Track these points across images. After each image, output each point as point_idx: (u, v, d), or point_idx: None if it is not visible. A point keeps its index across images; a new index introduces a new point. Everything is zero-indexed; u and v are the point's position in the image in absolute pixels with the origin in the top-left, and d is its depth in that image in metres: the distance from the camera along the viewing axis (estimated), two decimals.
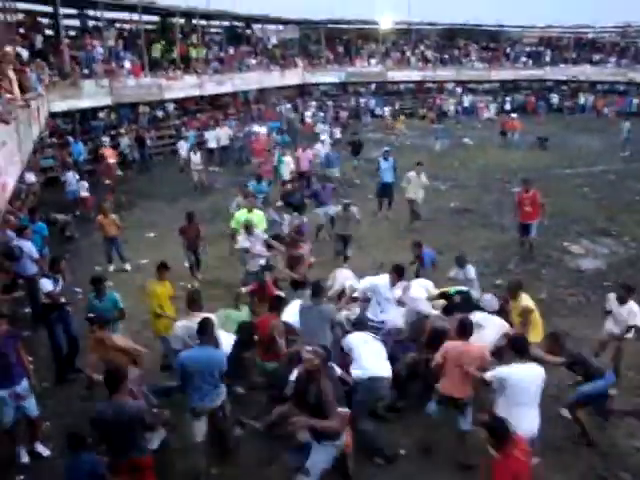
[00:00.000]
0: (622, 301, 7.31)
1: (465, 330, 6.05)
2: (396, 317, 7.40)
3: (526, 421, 5.36)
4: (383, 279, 7.53)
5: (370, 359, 6.26)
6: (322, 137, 21.35)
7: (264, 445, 6.50)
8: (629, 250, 12.79)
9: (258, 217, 10.58)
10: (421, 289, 8.06)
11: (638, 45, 41.42)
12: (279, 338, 6.61)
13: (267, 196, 15.22)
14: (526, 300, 7.37)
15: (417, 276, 9.31)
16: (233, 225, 10.52)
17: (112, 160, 19.02)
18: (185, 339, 6.47)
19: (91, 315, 7.26)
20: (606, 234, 13.84)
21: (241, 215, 10.47)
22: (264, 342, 6.72)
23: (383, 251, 12.07)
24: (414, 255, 9.83)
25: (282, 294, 8.21)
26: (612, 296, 7.55)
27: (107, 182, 17.30)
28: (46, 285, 7.85)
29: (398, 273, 7.39)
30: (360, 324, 6.99)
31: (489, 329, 6.77)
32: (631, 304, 7.28)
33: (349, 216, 11.08)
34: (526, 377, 5.43)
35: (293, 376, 6.00)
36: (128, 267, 12.06)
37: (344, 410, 5.60)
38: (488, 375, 5.60)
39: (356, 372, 6.21)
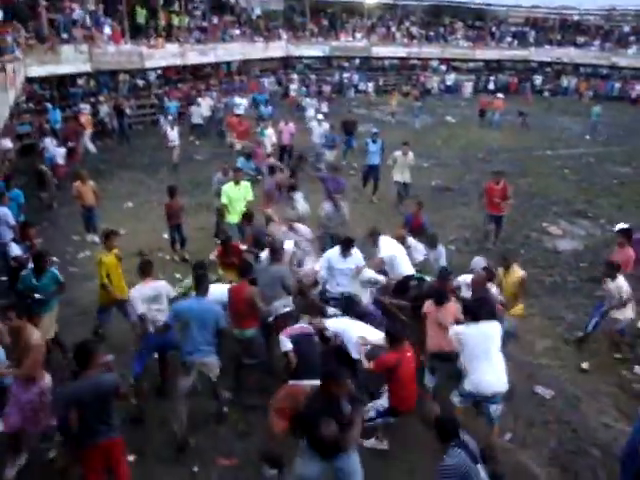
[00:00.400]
0: (613, 278, 7.61)
1: (440, 298, 6.52)
2: (349, 287, 7.53)
3: (487, 374, 5.69)
4: (334, 252, 7.73)
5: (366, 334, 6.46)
6: (318, 116, 18.80)
7: (240, 416, 6.54)
8: (605, 232, 12.93)
9: (245, 189, 10.44)
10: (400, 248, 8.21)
11: (622, 29, 41.54)
12: (260, 303, 6.64)
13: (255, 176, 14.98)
14: (519, 270, 7.45)
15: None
16: (223, 200, 10.26)
17: (87, 129, 18.83)
18: (142, 301, 6.47)
19: (38, 296, 6.80)
20: (584, 216, 14.00)
21: (229, 188, 10.29)
22: (240, 310, 6.64)
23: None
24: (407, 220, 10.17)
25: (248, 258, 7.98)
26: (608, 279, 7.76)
27: (70, 145, 16.82)
28: (14, 249, 7.81)
29: (345, 244, 7.58)
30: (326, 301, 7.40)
31: None
32: (620, 278, 7.59)
33: (340, 214, 10.21)
34: (478, 334, 5.78)
35: (287, 345, 6.01)
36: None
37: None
38: (451, 332, 5.98)
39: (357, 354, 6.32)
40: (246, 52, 32.01)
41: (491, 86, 38.53)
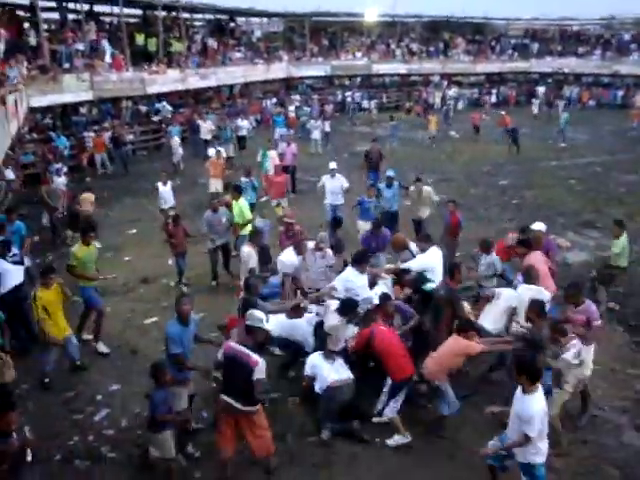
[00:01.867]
0: None
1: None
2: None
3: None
4: (348, 272, 7.40)
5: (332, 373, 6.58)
6: (330, 164, 13.21)
7: None
8: None
9: (239, 207, 10.66)
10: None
11: (622, 37, 41.62)
12: None
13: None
14: None
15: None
16: (236, 219, 10.58)
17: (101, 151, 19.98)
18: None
19: None
20: (592, 226, 13.80)
21: (240, 205, 10.64)
22: None
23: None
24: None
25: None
26: None
27: None
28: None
29: (360, 259, 7.38)
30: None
31: (502, 299, 7.27)
32: None
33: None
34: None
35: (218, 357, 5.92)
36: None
37: None
38: None
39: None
40: (247, 75, 32.24)
41: (493, 99, 38.72)
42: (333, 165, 13.08)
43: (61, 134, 20.07)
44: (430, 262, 8.06)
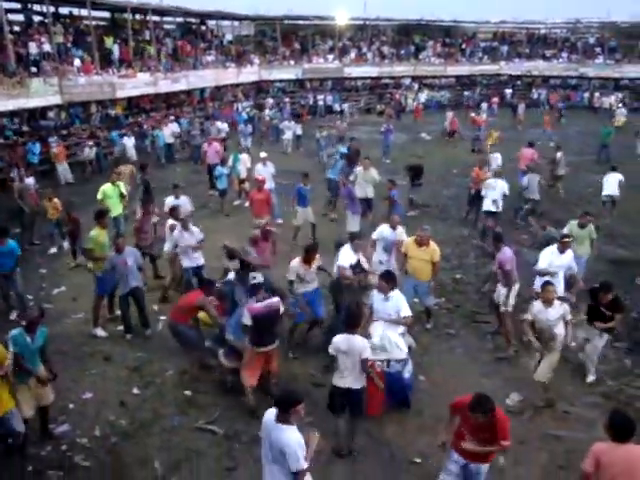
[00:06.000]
0: None
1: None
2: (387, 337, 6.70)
3: None
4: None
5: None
6: (261, 154, 15.36)
7: (225, 450, 6.34)
8: None
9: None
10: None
11: (587, 41, 42.58)
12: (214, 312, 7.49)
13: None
14: None
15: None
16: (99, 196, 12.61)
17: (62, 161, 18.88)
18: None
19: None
20: (562, 225, 13.96)
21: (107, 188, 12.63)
22: (180, 306, 7.70)
23: None
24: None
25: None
26: None
27: None
28: None
29: (383, 279, 6.84)
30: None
31: None
32: None
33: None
34: None
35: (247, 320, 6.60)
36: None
37: None
38: None
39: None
40: (218, 78, 32.13)
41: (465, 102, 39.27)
42: (263, 154, 15.15)
43: (32, 140, 19.68)
44: None
